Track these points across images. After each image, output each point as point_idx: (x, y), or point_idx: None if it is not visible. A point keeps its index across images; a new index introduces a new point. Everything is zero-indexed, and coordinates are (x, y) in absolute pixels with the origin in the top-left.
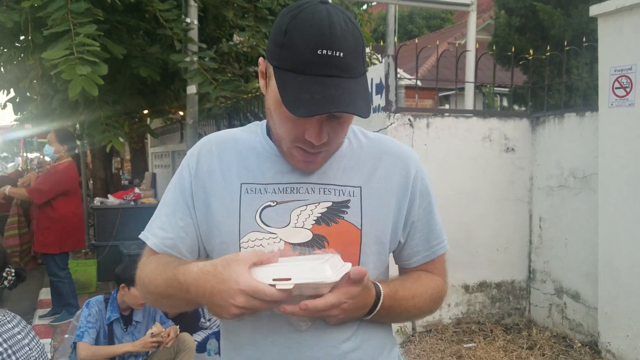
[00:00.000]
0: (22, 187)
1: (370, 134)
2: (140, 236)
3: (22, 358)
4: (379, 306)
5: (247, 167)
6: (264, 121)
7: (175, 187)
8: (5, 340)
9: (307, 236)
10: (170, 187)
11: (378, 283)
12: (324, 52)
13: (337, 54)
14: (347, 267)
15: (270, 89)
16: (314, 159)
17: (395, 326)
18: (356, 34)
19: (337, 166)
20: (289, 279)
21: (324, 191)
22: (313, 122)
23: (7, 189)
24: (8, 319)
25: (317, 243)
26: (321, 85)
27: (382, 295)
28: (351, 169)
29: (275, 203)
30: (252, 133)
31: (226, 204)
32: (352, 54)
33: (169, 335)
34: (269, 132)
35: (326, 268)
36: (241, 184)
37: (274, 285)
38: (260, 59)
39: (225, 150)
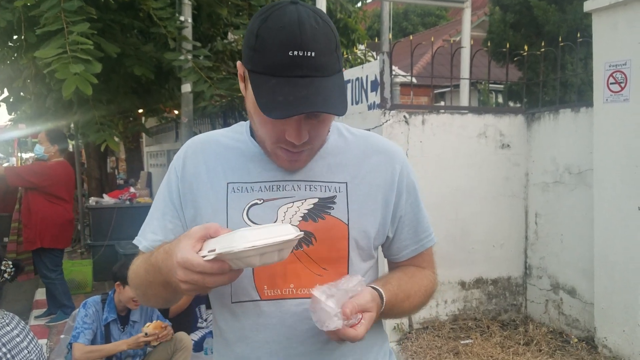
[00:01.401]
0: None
1: (355, 130)
2: (134, 241)
3: None
4: (381, 309)
5: (233, 167)
6: (248, 121)
7: (164, 191)
8: (4, 344)
9: None
10: (160, 190)
11: (379, 288)
12: (295, 53)
13: (309, 54)
14: (284, 235)
15: (248, 92)
16: (298, 157)
17: (392, 323)
18: (328, 32)
19: (323, 163)
20: (214, 250)
21: (310, 188)
22: (292, 122)
23: None
24: (7, 321)
25: (304, 239)
26: (294, 87)
27: (384, 299)
28: (337, 166)
29: (261, 201)
30: (236, 133)
31: (213, 203)
32: (324, 53)
33: (165, 329)
34: (252, 133)
35: (245, 235)
36: (227, 183)
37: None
38: (239, 63)
39: (211, 151)
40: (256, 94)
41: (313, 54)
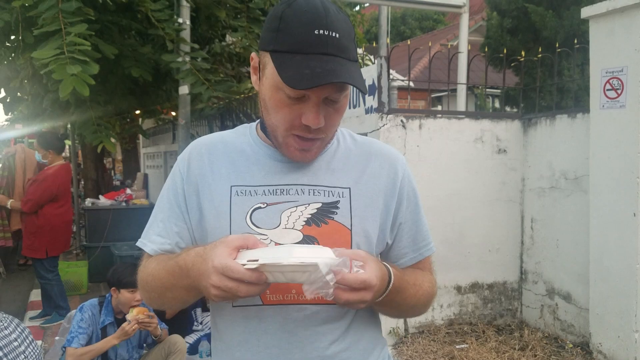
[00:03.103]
0: (18, 202)
1: (358, 137)
2: (138, 243)
3: None
4: (390, 285)
5: (237, 170)
6: (252, 124)
7: (168, 193)
8: (0, 348)
9: (297, 237)
10: (164, 192)
11: (387, 264)
12: (321, 32)
13: (334, 35)
14: (328, 258)
15: (265, 78)
16: (310, 146)
17: (387, 327)
18: (348, 22)
19: (327, 168)
20: (257, 260)
21: (314, 192)
22: (310, 105)
23: (10, 202)
24: (5, 324)
25: (308, 244)
26: (320, 61)
27: (392, 275)
28: (340, 171)
29: (265, 205)
30: (240, 135)
31: (217, 206)
32: (346, 37)
33: (150, 317)
34: (263, 129)
35: (292, 252)
36: (231, 186)
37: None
38: (252, 54)
39: (215, 154)
40: (280, 70)
41: (337, 35)
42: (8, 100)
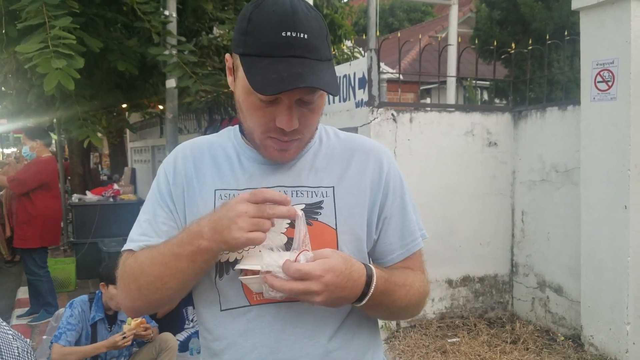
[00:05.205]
0: (3, 175)
1: (342, 133)
2: (123, 249)
3: None
4: (372, 288)
5: (221, 173)
6: (237, 126)
7: (154, 196)
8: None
9: (282, 240)
10: (149, 198)
11: (370, 265)
12: (288, 33)
13: (302, 36)
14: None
15: (238, 81)
16: (288, 147)
17: (379, 322)
18: (319, 20)
19: (310, 168)
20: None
21: (297, 194)
22: (283, 108)
23: None
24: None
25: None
26: (287, 65)
27: (374, 276)
28: (324, 170)
29: None
30: (225, 138)
31: (201, 210)
32: (316, 37)
33: (146, 330)
34: (242, 133)
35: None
36: (215, 190)
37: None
38: (227, 55)
39: (200, 157)
40: (248, 75)
41: (306, 35)
42: None
